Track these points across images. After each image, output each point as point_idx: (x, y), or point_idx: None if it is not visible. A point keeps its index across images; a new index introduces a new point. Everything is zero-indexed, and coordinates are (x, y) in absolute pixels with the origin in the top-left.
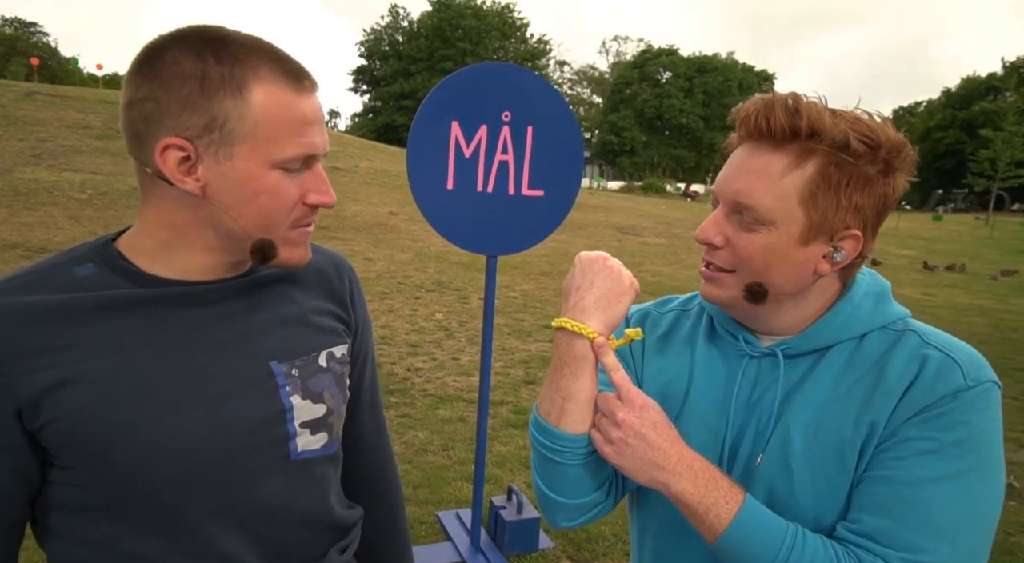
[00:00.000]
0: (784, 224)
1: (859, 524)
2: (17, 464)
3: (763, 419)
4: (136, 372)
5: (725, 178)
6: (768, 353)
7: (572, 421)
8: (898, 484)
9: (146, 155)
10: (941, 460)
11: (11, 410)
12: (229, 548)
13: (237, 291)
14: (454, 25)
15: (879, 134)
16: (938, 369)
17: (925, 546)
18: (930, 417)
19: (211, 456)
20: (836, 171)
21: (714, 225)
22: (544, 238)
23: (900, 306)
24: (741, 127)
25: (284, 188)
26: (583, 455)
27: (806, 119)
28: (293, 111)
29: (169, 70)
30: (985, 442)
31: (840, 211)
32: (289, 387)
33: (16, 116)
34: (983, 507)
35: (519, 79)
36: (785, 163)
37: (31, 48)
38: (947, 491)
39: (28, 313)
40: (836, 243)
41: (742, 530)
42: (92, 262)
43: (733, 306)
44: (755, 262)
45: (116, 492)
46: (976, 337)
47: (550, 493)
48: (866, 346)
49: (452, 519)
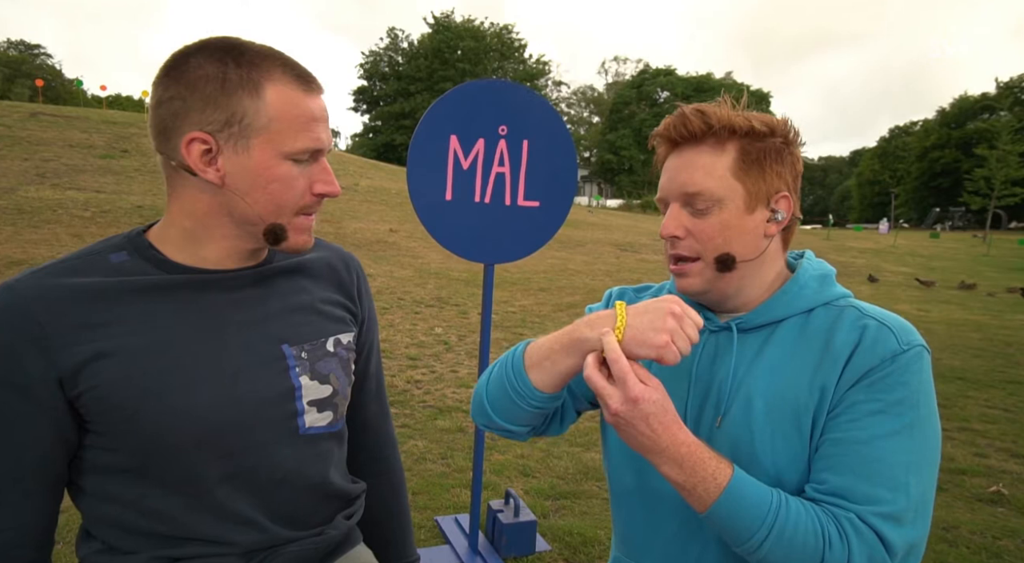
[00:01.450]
0: (729, 199)
1: (825, 484)
2: (59, 428)
3: (722, 386)
4: (164, 348)
5: (668, 180)
6: (724, 327)
7: (541, 378)
8: (855, 443)
9: (172, 149)
10: (888, 418)
11: (54, 378)
12: (241, 509)
13: (253, 279)
14: (453, 46)
15: (771, 120)
16: (875, 336)
17: (886, 497)
18: (874, 380)
19: (227, 425)
20: (752, 148)
21: (673, 220)
22: (540, 247)
23: (842, 287)
24: (662, 142)
25: (294, 177)
26: (537, 405)
27: (713, 116)
28: (302, 108)
29: (194, 73)
30: (923, 400)
31: (768, 178)
32: (299, 368)
33: (21, 136)
34: (926, 457)
35: (515, 95)
36: (710, 152)
37: (35, 70)
38: (896, 445)
39: (72, 292)
40: (773, 206)
41: (729, 502)
42: (125, 250)
43: (708, 291)
44: (716, 240)
45: (142, 455)
46: (970, 351)
47: (487, 406)
48: (813, 320)
49: (450, 523)
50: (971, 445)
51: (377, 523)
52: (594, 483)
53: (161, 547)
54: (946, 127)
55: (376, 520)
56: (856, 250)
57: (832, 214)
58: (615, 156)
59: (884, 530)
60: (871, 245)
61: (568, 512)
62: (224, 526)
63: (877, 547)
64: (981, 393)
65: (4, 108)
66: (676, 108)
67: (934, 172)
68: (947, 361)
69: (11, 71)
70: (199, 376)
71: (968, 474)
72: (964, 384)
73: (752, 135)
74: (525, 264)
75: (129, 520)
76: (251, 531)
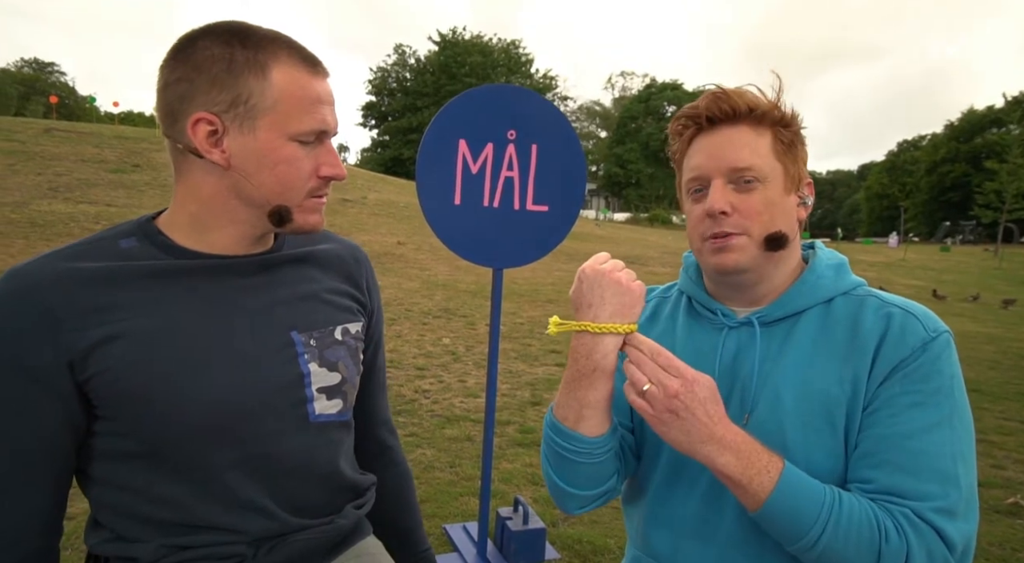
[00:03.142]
0: (772, 178)
1: (873, 483)
2: (68, 413)
3: (747, 382)
4: (173, 332)
5: (709, 156)
6: (745, 323)
7: (591, 425)
8: (898, 438)
9: (178, 131)
10: (928, 410)
11: (64, 362)
12: (251, 496)
13: (261, 266)
14: (460, 62)
15: (787, 109)
16: (902, 324)
17: (938, 492)
18: (908, 372)
19: (236, 410)
20: (783, 133)
21: (720, 195)
22: (549, 251)
23: (856, 276)
24: (691, 123)
25: (299, 159)
26: (600, 454)
27: (751, 98)
28: (308, 90)
29: (201, 54)
30: (956, 387)
31: (798, 163)
32: (308, 355)
33: (35, 151)
34: (967, 446)
35: (524, 100)
36: (750, 133)
37: (49, 87)
38: (940, 437)
39: (82, 277)
40: (802, 192)
41: (784, 497)
42: (135, 236)
43: (748, 269)
44: (763, 215)
45: (151, 441)
46: (985, 363)
47: (564, 485)
48: (834, 310)
49: (459, 531)
50: (988, 457)
51: (388, 514)
52: None
53: (169, 535)
54: (955, 141)
55: (387, 511)
56: (866, 263)
57: (841, 228)
58: (622, 170)
59: (942, 525)
60: (881, 258)
61: (578, 520)
62: (233, 514)
63: (936, 542)
64: (996, 405)
65: (19, 124)
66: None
67: (944, 186)
68: (962, 373)
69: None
70: (209, 361)
71: (986, 486)
72: (980, 396)
73: (783, 121)
74: (532, 276)
75: (137, 508)
76: (260, 519)
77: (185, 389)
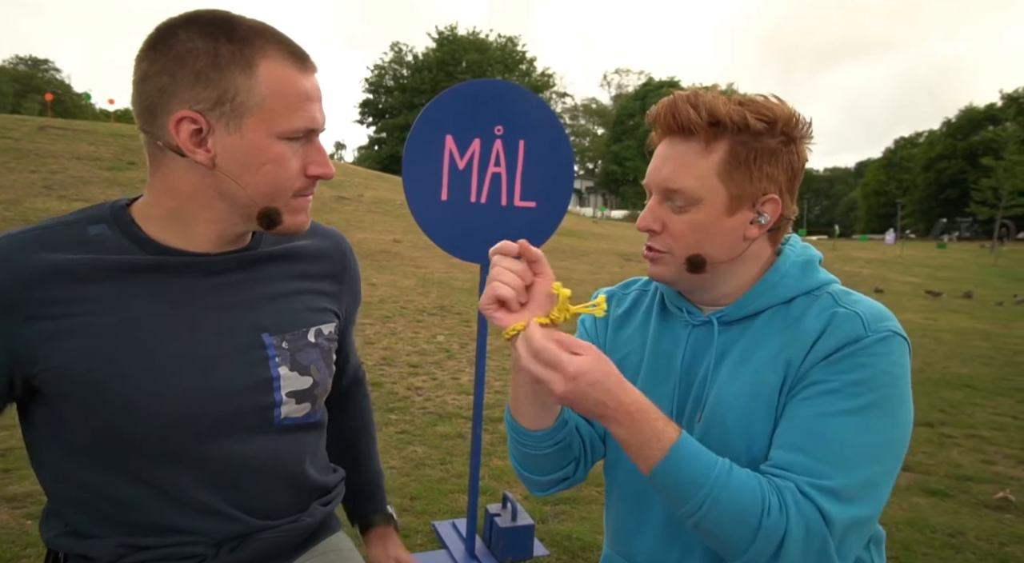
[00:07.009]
0: (709, 200)
1: (774, 459)
2: None
3: (701, 382)
4: (133, 330)
5: (653, 169)
6: (706, 321)
7: (528, 419)
8: (804, 419)
9: (159, 128)
10: (842, 398)
11: (5, 348)
12: (210, 500)
13: (236, 264)
14: (457, 59)
15: (774, 111)
16: (841, 322)
17: (824, 472)
18: (832, 361)
19: (197, 414)
20: (743, 149)
21: (650, 213)
22: (537, 248)
23: (827, 273)
24: (655, 126)
25: (287, 158)
26: (545, 447)
27: (705, 110)
28: (296, 87)
29: (183, 46)
30: (887, 383)
31: (755, 181)
32: (279, 358)
33: (29, 149)
34: (884, 441)
35: (511, 95)
36: (698, 149)
37: (44, 85)
38: (847, 425)
39: (40, 267)
40: (759, 209)
41: (671, 464)
42: (106, 223)
43: (678, 281)
44: (687, 239)
45: (104, 439)
46: (979, 359)
47: (523, 471)
48: (793, 310)
49: (447, 528)
50: (978, 452)
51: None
52: (594, 488)
53: (128, 534)
54: (952, 138)
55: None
56: (862, 260)
57: (838, 224)
58: (620, 167)
59: (823, 502)
60: (877, 255)
61: (567, 517)
62: (193, 517)
63: (816, 519)
64: (989, 401)
65: (13, 122)
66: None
67: (941, 183)
68: (955, 369)
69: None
70: (169, 361)
71: (975, 480)
72: (972, 392)
73: (746, 132)
74: None
75: (93, 505)
76: (223, 521)
77: (140, 389)
